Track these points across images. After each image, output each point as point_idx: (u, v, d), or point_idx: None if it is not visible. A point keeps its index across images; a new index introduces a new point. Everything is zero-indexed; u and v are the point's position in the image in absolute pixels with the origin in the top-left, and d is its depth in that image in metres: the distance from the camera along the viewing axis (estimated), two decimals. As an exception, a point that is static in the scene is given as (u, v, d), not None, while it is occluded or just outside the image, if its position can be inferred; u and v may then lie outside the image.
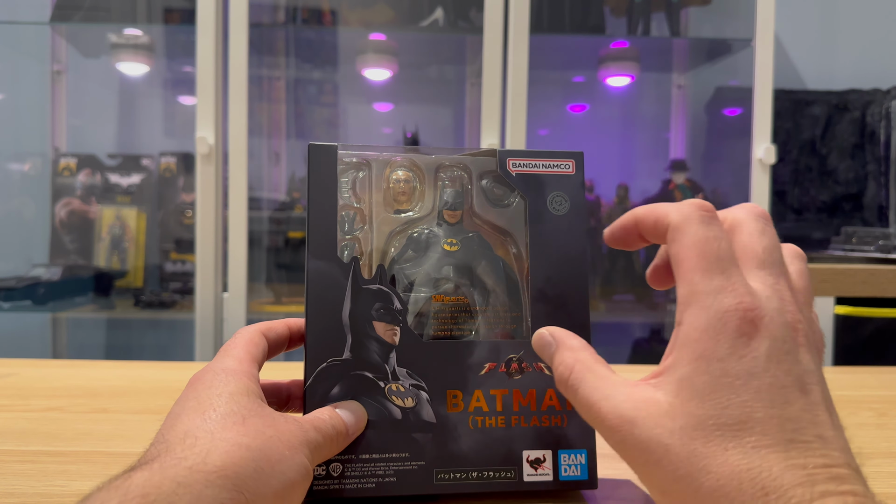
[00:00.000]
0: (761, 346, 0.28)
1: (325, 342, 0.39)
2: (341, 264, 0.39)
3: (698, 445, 0.27)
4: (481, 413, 0.39)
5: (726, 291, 0.28)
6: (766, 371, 0.27)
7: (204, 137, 1.56)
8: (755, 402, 0.27)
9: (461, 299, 0.41)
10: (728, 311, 0.28)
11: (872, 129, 1.84)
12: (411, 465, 0.39)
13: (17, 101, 1.98)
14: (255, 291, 1.77)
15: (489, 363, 0.40)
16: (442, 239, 0.42)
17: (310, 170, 0.40)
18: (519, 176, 0.42)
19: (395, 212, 0.42)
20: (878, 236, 1.59)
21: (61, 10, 1.79)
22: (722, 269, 0.29)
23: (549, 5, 1.76)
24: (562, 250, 0.41)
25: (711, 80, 1.99)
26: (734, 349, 0.27)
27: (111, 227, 1.84)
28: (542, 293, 0.41)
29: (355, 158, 0.41)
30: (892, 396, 0.69)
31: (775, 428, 0.26)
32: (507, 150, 0.42)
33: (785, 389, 0.27)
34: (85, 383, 0.71)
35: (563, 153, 0.42)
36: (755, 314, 0.28)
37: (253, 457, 0.30)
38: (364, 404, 0.39)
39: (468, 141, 1.96)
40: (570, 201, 0.42)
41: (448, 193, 0.42)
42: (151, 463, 0.29)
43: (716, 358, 0.27)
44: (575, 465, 0.40)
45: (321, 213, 0.40)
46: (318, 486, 0.38)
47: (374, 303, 0.39)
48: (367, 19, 1.83)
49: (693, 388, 0.28)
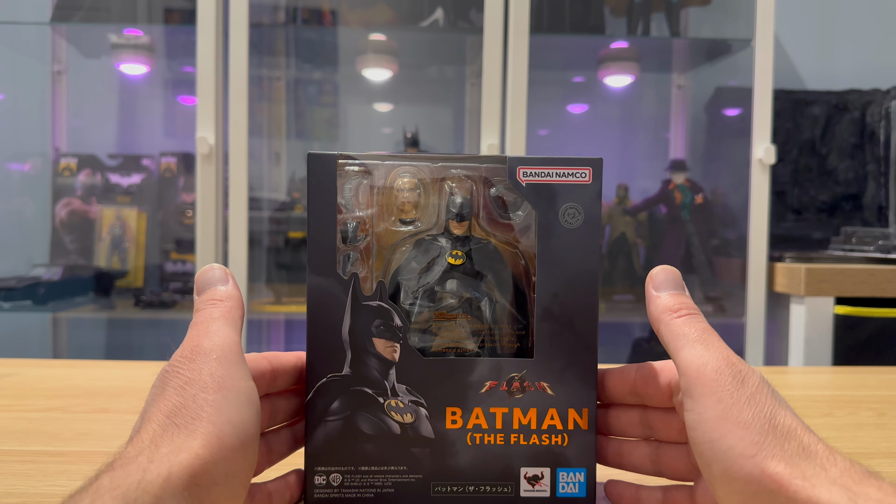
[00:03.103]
0: (754, 383, 0.33)
1: (324, 358, 0.39)
2: (341, 280, 0.39)
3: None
4: (480, 430, 0.39)
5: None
6: (767, 398, 0.33)
7: (204, 137, 1.56)
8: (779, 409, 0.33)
9: (464, 315, 0.41)
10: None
11: (872, 129, 1.84)
12: (409, 477, 0.39)
13: (18, 102, 1.97)
14: (255, 291, 1.77)
15: (490, 381, 0.39)
16: (447, 251, 0.41)
17: (309, 181, 0.39)
18: (530, 186, 0.39)
19: (399, 221, 0.41)
20: (878, 236, 1.59)
21: (61, 11, 1.79)
22: (706, 340, 0.35)
23: (549, 5, 1.76)
24: (571, 266, 0.39)
25: (711, 80, 1.99)
26: (734, 384, 0.33)
27: (111, 227, 1.84)
28: (547, 311, 0.39)
29: (357, 167, 0.40)
30: (891, 396, 0.69)
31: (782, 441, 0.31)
32: (518, 158, 0.39)
33: (774, 408, 0.33)
34: (85, 383, 0.71)
35: (579, 160, 0.39)
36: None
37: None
38: (363, 419, 0.39)
39: (468, 141, 1.96)
40: (583, 213, 0.39)
41: (455, 203, 0.40)
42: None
43: (725, 389, 0.33)
44: (573, 482, 0.40)
45: (320, 228, 0.39)
46: (318, 494, 0.39)
47: (374, 319, 0.39)
48: (367, 19, 1.83)
49: (721, 402, 0.33)
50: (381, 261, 0.41)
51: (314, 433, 0.39)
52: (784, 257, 1.59)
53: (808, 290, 1.45)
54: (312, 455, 0.39)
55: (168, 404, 0.31)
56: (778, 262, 1.58)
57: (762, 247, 1.61)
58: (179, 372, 0.33)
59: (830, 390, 0.74)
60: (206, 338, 0.34)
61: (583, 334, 0.39)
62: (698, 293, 1.80)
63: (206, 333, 0.34)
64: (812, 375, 0.87)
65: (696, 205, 1.82)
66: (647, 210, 1.87)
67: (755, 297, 1.60)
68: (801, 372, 0.91)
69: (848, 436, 0.56)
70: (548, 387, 0.39)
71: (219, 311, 0.36)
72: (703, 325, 0.36)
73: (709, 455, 0.32)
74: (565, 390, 0.39)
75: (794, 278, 1.48)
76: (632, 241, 1.86)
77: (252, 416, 0.32)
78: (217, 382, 0.32)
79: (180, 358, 0.33)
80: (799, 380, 0.82)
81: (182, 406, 0.31)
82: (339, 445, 0.39)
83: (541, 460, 0.40)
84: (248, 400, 0.33)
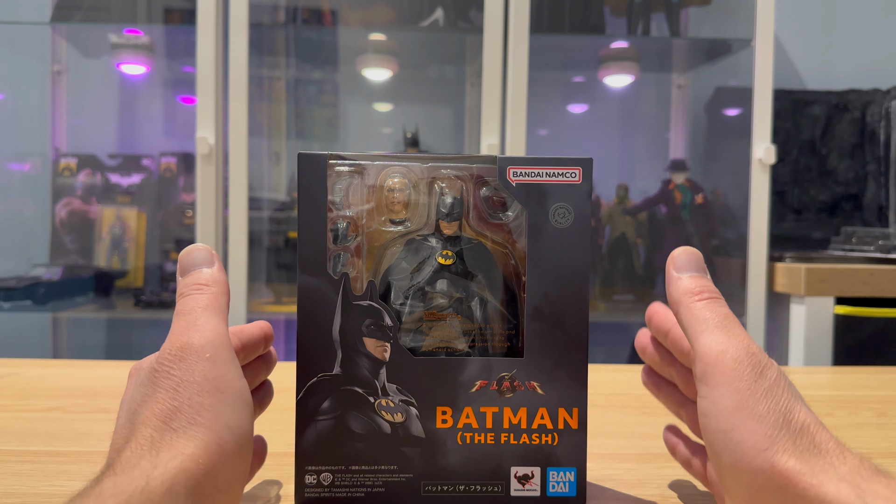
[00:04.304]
0: (772, 376, 0.33)
1: (315, 357, 0.39)
2: (331, 280, 0.39)
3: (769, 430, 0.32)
4: (470, 430, 0.39)
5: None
6: (784, 392, 0.33)
7: (204, 137, 1.56)
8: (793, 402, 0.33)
9: (454, 315, 0.41)
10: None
11: (872, 129, 1.84)
12: (399, 477, 0.39)
13: (18, 101, 1.98)
14: (255, 291, 1.77)
15: (480, 381, 0.39)
16: (437, 251, 0.41)
17: (300, 181, 0.39)
18: (520, 186, 0.39)
19: (389, 221, 0.41)
20: (878, 236, 1.59)
21: (61, 10, 1.79)
22: (727, 327, 0.35)
23: (549, 5, 1.75)
24: (562, 266, 0.39)
25: (711, 80, 1.99)
26: (753, 375, 0.32)
27: (111, 226, 1.84)
28: (538, 311, 0.39)
29: (348, 167, 0.40)
30: (891, 396, 0.69)
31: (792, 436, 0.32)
32: (508, 158, 0.39)
33: (790, 402, 0.32)
34: (85, 383, 0.71)
35: (569, 160, 0.39)
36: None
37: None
38: (354, 419, 0.39)
39: (468, 141, 1.96)
40: (573, 213, 0.39)
41: (445, 203, 0.41)
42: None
43: (742, 380, 0.32)
44: (563, 481, 0.40)
45: (310, 228, 0.39)
46: (308, 493, 0.39)
47: (365, 319, 0.39)
48: (367, 19, 1.83)
49: (737, 392, 0.32)
50: (372, 261, 0.41)
51: (305, 432, 0.39)
52: (784, 257, 1.58)
53: (808, 290, 1.44)
54: (303, 455, 0.39)
55: (162, 407, 0.31)
56: (778, 262, 1.58)
57: (762, 247, 1.61)
58: (171, 372, 0.32)
59: (830, 390, 0.74)
60: (195, 332, 0.33)
61: (573, 334, 0.39)
62: (698, 293, 1.80)
63: (194, 326, 0.33)
64: (812, 375, 0.86)
65: (696, 205, 1.82)
66: (647, 210, 1.87)
67: (755, 297, 1.60)
68: (802, 372, 0.91)
69: (848, 436, 0.56)
70: (538, 386, 0.39)
71: (205, 299, 0.34)
72: (725, 310, 0.35)
73: (720, 445, 0.32)
74: (556, 390, 0.39)
75: (794, 278, 1.48)
76: (632, 241, 1.86)
77: (248, 418, 0.32)
78: (212, 385, 0.31)
79: (169, 356, 0.32)
80: (799, 380, 0.81)
81: (177, 410, 0.30)
82: (329, 445, 0.39)
83: (531, 460, 0.40)
84: (243, 402, 0.32)
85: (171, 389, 0.31)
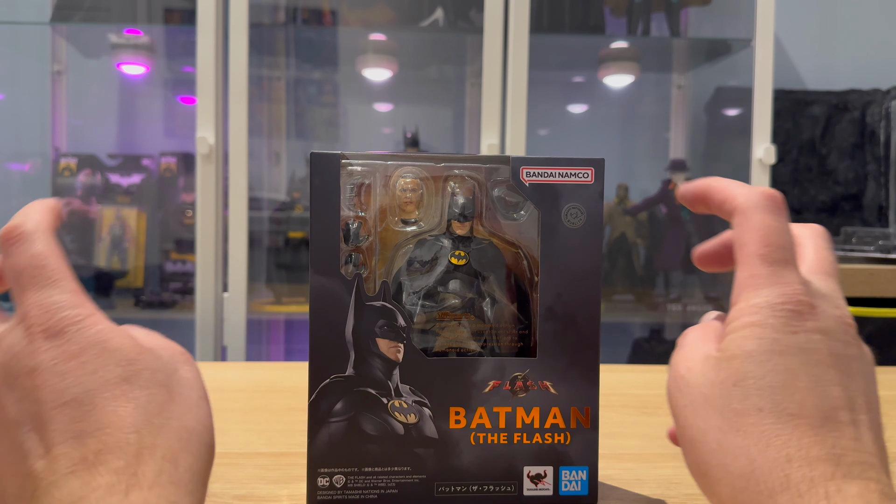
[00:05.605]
0: (813, 327, 0.28)
1: (327, 358, 0.39)
2: (344, 280, 0.39)
3: (734, 401, 0.28)
4: (483, 430, 0.40)
5: (785, 281, 0.29)
6: (815, 350, 0.28)
7: (204, 137, 1.56)
8: (800, 373, 0.28)
9: (467, 315, 0.41)
10: (786, 294, 0.29)
11: (872, 129, 1.84)
12: (413, 478, 0.39)
13: (18, 101, 1.97)
14: (255, 291, 1.77)
15: (493, 381, 0.39)
16: (449, 251, 0.41)
17: (312, 181, 0.39)
18: (533, 186, 0.39)
19: (401, 221, 0.41)
20: (878, 236, 1.59)
21: (61, 10, 1.79)
22: (784, 260, 0.30)
23: (549, 5, 1.76)
24: (574, 266, 0.39)
25: (711, 80, 1.99)
26: (787, 324, 0.28)
27: (111, 227, 1.84)
28: (550, 311, 0.39)
29: (360, 167, 0.40)
30: (892, 396, 0.69)
31: (813, 402, 0.27)
32: (521, 158, 0.39)
33: (830, 370, 0.28)
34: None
35: (582, 160, 0.40)
36: (811, 302, 0.29)
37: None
38: (367, 420, 0.39)
39: (468, 141, 1.96)
40: (586, 213, 0.40)
41: (457, 203, 0.40)
42: None
43: (769, 327, 0.28)
44: (576, 480, 0.40)
45: (323, 228, 0.39)
46: (321, 496, 0.39)
47: (378, 319, 0.39)
48: (367, 19, 1.83)
49: (742, 349, 0.28)
50: (384, 261, 0.41)
51: (317, 434, 0.39)
52: (784, 257, 1.58)
53: (809, 289, 1.44)
54: (315, 457, 0.39)
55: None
56: (778, 262, 1.58)
57: (762, 247, 1.60)
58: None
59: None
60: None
61: (585, 333, 0.40)
62: (698, 293, 1.80)
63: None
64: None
65: (697, 205, 1.82)
66: (647, 210, 1.87)
67: (755, 297, 1.60)
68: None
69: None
70: (551, 386, 0.40)
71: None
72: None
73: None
74: (568, 389, 0.40)
75: (795, 278, 1.48)
76: (632, 241, 1.86)
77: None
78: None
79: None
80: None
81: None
82: (342, 447, 0.39)
83: (544, 459, 0.40)
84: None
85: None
